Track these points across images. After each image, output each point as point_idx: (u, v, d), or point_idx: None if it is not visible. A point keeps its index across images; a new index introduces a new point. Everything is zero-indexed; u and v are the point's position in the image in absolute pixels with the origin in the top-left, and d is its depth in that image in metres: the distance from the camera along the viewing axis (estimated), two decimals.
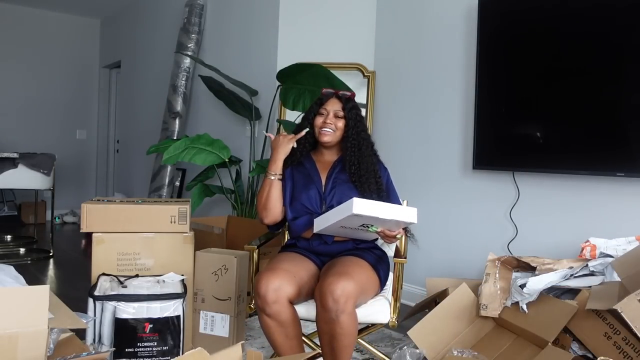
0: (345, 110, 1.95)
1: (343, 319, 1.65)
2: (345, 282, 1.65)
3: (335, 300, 1.63)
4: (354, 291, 1.66)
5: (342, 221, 1.70)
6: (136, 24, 6.01)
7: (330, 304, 1.64)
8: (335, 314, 1.64)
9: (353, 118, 1.95)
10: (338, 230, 1.82)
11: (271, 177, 1.97)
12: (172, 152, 3.12)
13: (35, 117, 6.45)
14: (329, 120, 1.95)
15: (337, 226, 1.76)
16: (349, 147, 1.94)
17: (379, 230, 1.75)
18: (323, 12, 3.64)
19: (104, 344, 1.94)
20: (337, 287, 1.64)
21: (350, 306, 1.66)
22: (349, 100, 1.98)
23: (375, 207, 1.64)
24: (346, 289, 1.64)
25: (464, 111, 3.07)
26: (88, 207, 2.23)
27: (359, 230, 1.78)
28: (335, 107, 1.96)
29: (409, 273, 3.16)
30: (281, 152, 1.98)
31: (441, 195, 3.19)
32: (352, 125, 1.94)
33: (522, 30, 2.70)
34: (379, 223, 1.70)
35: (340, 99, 1.98)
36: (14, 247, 4.91)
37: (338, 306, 1.63)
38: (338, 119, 1.95)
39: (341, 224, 1.74)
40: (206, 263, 2.38)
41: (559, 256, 2.15)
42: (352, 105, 1.97)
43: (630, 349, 1.59)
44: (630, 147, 2.34)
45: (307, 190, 1.96)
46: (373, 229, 1.73)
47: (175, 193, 4.72)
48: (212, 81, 3.92)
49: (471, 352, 1.78)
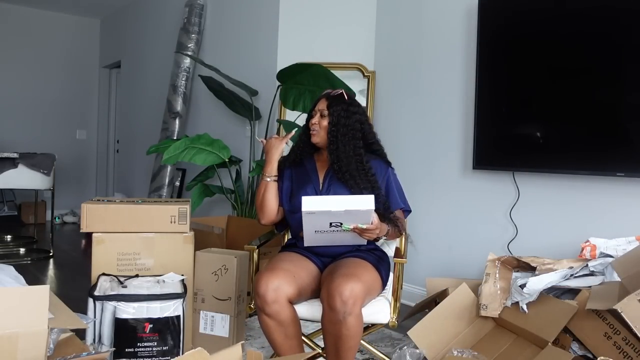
0: (330, 108, 1.95)
1: (350, 320, 1.65)
2: (353, 284, 1.66)
3: (344, 302, 1.63)
4: (361, 293, 1.67)
5: (311, 224, 1.70)
6: (136, 24, 6.01)
7: (338, 305, 1.64)
8: (342, 315, 1.64)
9: (335, 115, 1.93)
10: (320, 238, 1.80)
11: (267, 179, 1.99)
12: (172, 152, 3.12)
13: (35, 117, 6.44)
14: (314, 120, 1.96)
15: (313, 232, 1.75)
16: (329, 144, 1.94)
17: (351, 227, 1.72)
18: (323, 12, 3.64)
19: (104, 344, 1.94)
20: (345, 288, 1.64)
21: (358, 308, 1.67)
22: (335, 98, 1.97)
23: (325, 202, 1.65)
24: (354, 290, 1.65)
25: (464, 111, 3.07)
26: (88, 207, 2.23)
27: (338, 232, 1.76)
28: (321, 107, 1.97)
29: (409, 273, 3.16)
30: (275, 154, 2.00)
31: (441, 195, 3.19)
32: (335, 122, 1.93)
33: (522, 30, 2.70)
34: (341, 218, 1.69)
35: (328, 98, 1.98)
36: (14, 247, 4.91)
37: (346, 308, 1.63)
38: (322, 118, 1.96)
39: (315, 229, 1.73)
40: (206, 263, 2.38)
41: (559, 256, 2.15)
42: (338, 102, 1.96)
43: (630, 349, 1.59)
44: (630, 147, 2.34)
45: (304, 188, 1.98)
46: (345, 227, 1.72)
47: (175, 193, 4.72)
48: (212, 81, 3.92)
49: (471, 352, 1.78)
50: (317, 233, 1.77)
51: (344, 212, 1.65)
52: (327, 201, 1.65)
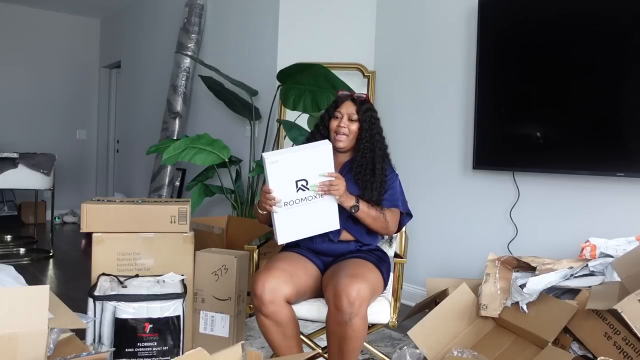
0: (360, 112, 1.93)
1: (356, 321, 1.65)
2: (360, 285, 1.66)
3: (351, 303, 1.63)
4: (368, 294, 1.67)
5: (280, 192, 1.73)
6: (136, 24, 6.01)
7: (345, 306, 1.64)
8: (349, 316, 1.64)
9: (367, 121, 1.93)
10: (294, 221, 1.79)
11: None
12: (172, 152, 3.12)
13: (35, 117, 6.44)
14: (343, 124, 1.93)
15: (284, 209, 1.74)
16: (362, 149, 1.93)
17: (317, 185, 1.74)
18: (323, 12, 3.64)
19: (104, 344, 1.94)
20: (352, 289, 1.64)
21: (364, 309, 1.67)
22: (363, 103, 1.95)
23: (285, 150, 1.82)
24: (361, 291, 1.65)
25: (464, 111, 3.07)
26: (88, 207, 2.22)
27: (309, 203, 1.75)
28: (349, 110, 1.94)
29: (409, 273, 3.16)
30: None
31: (441, 195, 3.19)
32: (367, 128, 1.93)
33: (522, 30, 2.70)
34: (304, 174, 1.73)
35: (354, 101, 1.96)
36: (14, 247, 4.91)
37: (353, 309, 1.63)
38: (352, 122, 1.93)
39: (284, 199, 1.74)
40: (206, 263, 2.38)
41: (559, 256, 2.15)
42: (366, 107, 1.95)
43: (630, 349, 1.59)
44: (630, 147, 2.34)
45: None
46: (312, 185, 1.74)
47: (175, 193, 4.72)
48: (212, 81, 3.92)
49: (471, 352, 1.78)
50: (288, 208, 1.75)
51: (305, 159, 1.74)
52: (287, 150, 1.83)
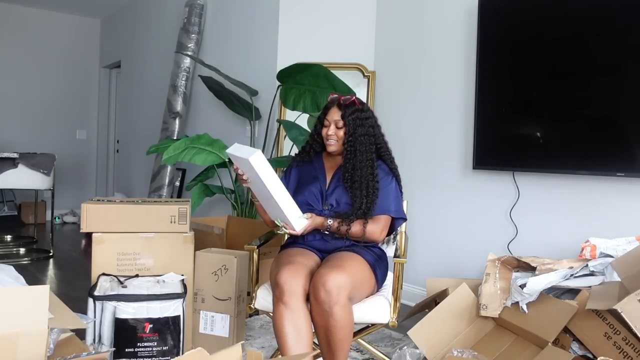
0: (345, 118, 1.96)
1: (337, 310, 1.66)
2: (337, 274, 1.68)
3: (328, 292, 1.65)
4: (346, 283, 1.68)
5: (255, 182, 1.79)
6: (136, 24, 6.01)
7: (322, 296, 1.66)
8: (328, 305, 1.66)
9: (351, 124, 1.95)
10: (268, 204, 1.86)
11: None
12: (172, 152, 3.12)
13: (35, 117, 6.44)
14: (331, 132, 1.97)
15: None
16: (345, 154, 1.96)
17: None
18: (323, 12, 3.64)
19: (104, 344, 1.94)
20: (329, 279, 1.67)
21: (343, 298, 1.67)
22: (349, 107, 1.97)
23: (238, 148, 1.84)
24: (337, 280, 1.67)
25: (464, 111, 3.07)
26: (88, 207, 2.23)
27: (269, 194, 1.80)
28: (335, 117, 1.97)
29: (409, 273, 3.16)
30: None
31: (441, 195, 3.19)
32: (351, 132, 1.95)
33: (522, 29, 2.70)
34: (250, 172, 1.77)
35: (340, 106, 1.98)
36: (14, 247, 4.91)
37: (331, 298, 1.65)
38: (338, 129, 1.97)
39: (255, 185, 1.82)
40: (206, 263, 2.38)
41: (559, 256, 2.15)
42: (352, 110, 1.96)
43: (630, 349, 1.59)
44: (630, 147, 2.34)
45: (310, 187, 2.01)
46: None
47: (175, 193, 4.72)
48: (212, 81, 3.92)
49: (471, 352, 1.78)
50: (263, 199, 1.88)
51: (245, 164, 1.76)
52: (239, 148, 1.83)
